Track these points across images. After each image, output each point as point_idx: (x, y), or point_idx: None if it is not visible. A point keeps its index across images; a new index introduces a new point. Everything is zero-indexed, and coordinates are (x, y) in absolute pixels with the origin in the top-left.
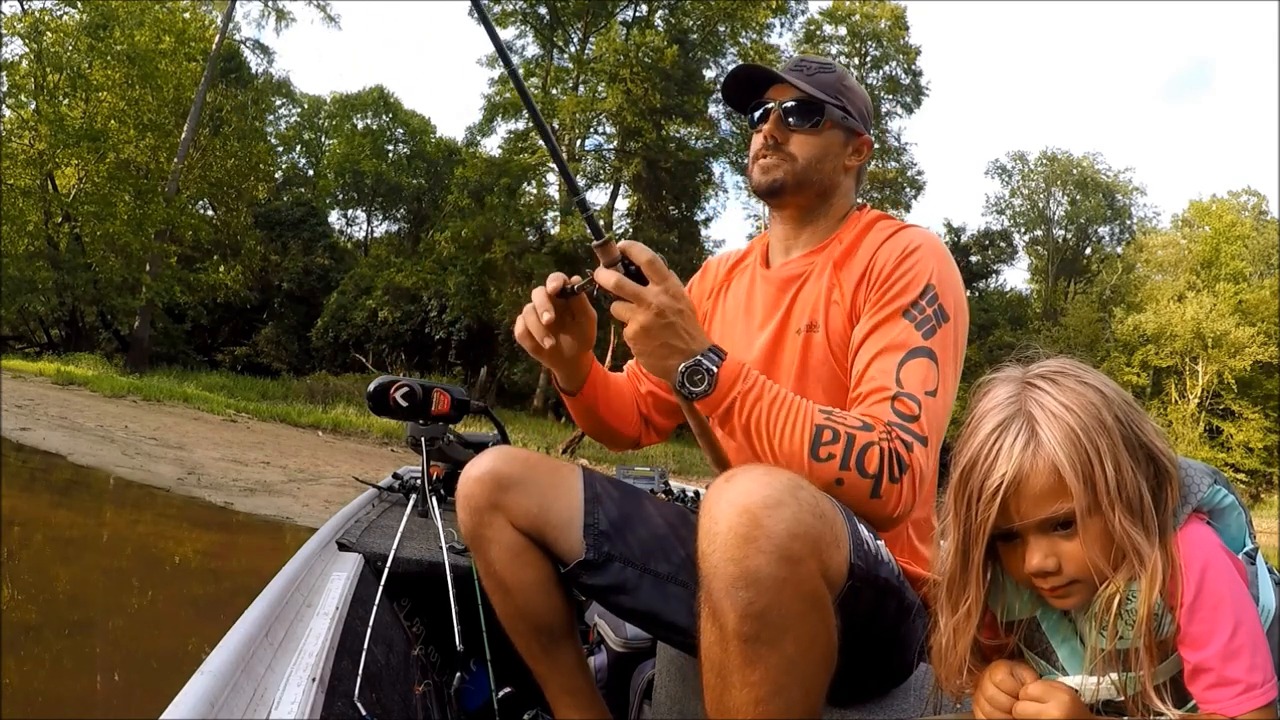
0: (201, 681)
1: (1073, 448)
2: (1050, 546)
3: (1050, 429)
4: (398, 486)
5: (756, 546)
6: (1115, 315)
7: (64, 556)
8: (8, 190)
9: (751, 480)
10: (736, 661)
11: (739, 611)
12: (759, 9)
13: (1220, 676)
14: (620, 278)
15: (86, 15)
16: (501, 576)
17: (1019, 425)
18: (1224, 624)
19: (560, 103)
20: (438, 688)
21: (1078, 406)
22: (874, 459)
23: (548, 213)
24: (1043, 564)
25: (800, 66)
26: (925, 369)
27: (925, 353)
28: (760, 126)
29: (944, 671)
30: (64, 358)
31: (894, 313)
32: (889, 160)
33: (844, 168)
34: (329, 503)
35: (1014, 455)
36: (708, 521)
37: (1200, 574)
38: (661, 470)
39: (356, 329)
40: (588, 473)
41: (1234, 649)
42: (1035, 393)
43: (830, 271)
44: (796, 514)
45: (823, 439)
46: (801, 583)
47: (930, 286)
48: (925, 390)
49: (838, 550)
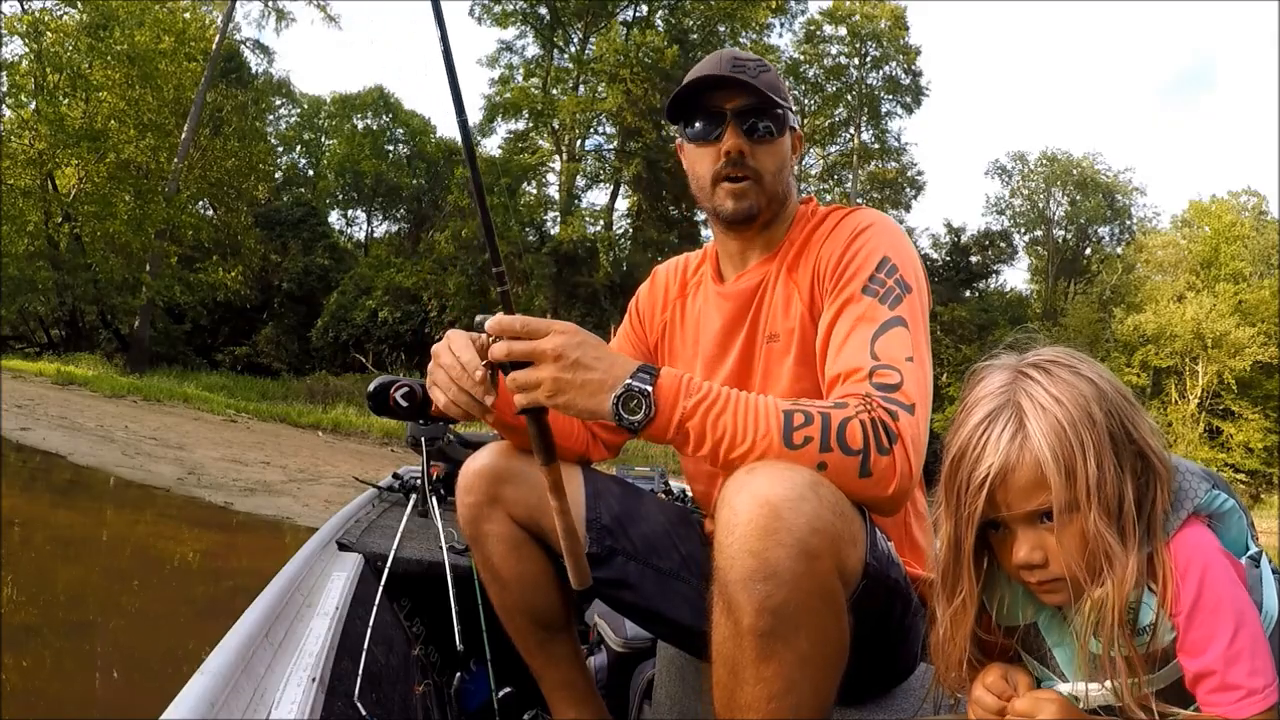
0: (201, 681)
1: (1058, 441)
2: (1038, 539)
3: (1038, 421)
4: (398, 486)
5: (777, 540)
6: (1115, 315)
7: (64, 556)
8: (8, 190)
9: (773, 473)
10: (750, 656)
11: (756, 605)
12: (759, 9)
13: (1222, 682)
14: (506, 344)
15: (86, 15)
16: (499, 569)
17: (1008, 416)
18: (1224, 629)
19: (560, 103)
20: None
21: (1067, 399)
22: (856, 433)
23: (548, 213)
24: (1029, 557)
25: (737, 67)
26: (899, 337)
27: (896, 321)
28: (712, 139)
29: (942, 665)
30: (64, 358)
31: (854, 292)
32: (889, 160)
33: (792, 171)
34: (329, 503)
35: (1001, 446)
36: (727, 513)
37: (1198, 579)
38: (661, 470)
39: (356, 329)
40: (588, 470)
41: (1234, 654)
42: (1026, 383)
43: (785, 276)
44: (817, 509)
45: (794, 423)
46: (818, 579)
47: (886, 259)
48: (904, 357)
49: (854, 549)
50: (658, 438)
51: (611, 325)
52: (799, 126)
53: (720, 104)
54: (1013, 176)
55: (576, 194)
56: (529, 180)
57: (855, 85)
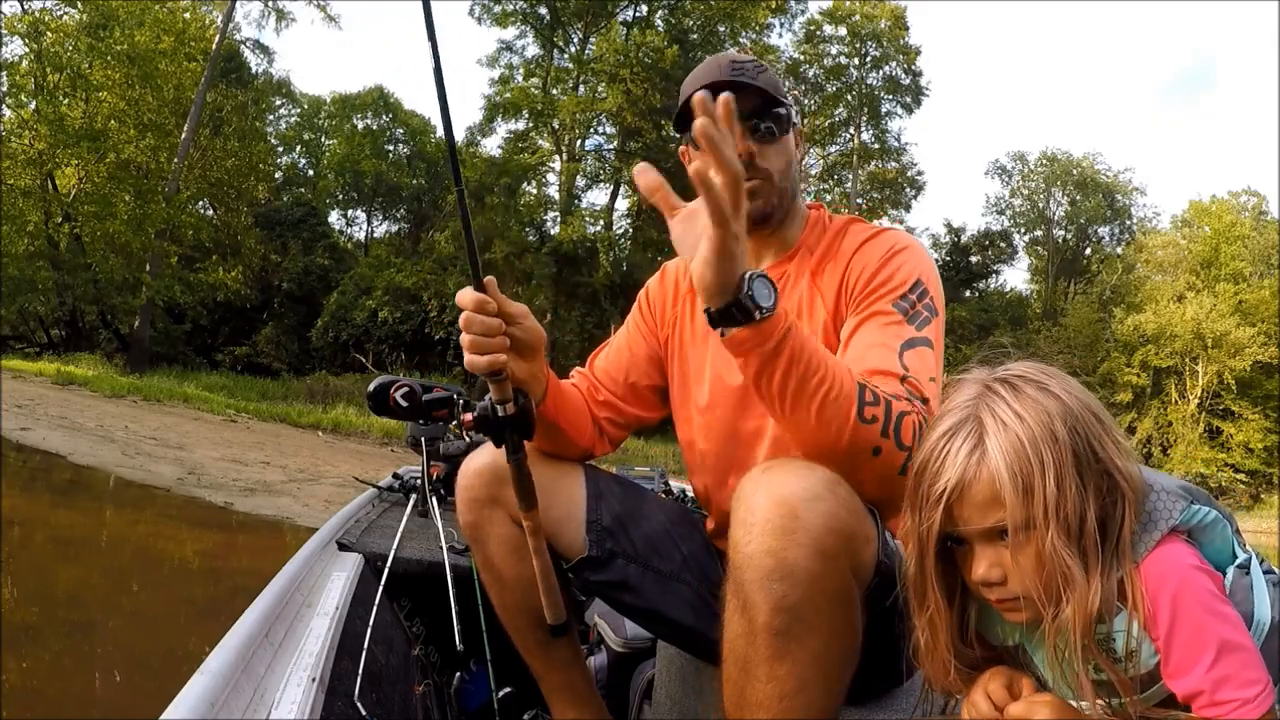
0: (201, 681)
1: (1016, 458)
2: (996, 556)
3: (997, 437)
4: (398, 486)
5: (794, 539)
6: (1115, 315)
7: (64, 556)
8: (8, 190)
9: (790, 472)
10: (764, 655)
11: (772, 604)
12: (759, 9)
13: (1211, 699)
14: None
15: (86, 15)
16: (500, 569)
17: (968, 430)
18: (1206, 649)
19: (560, 103)
20: (438, 688)
21: (1030, 416)
22: (909, 430)
23: (547, 213)
24: (986, 574)
25: (738, 70)
26: (926, 357)
27: (924, 342)
28: None
29: (930, 671)
30: (64, 358)
31: (885, 306)
32: (889, 160)
33: (797, 169)
34: (329, 503)
35: (958, 461)
36: (743, 511)
37: (1171, 600)
38: (661, 470)
39: (356, 329)
40: (590, 469)
41: (1220, 673)
42: (990, 398)
43: (808, 280)
44: (834, 509)
45: (865, 399)
46: (834, 578)
47: (920, 282)
48: (929, 377)
49: (868, 548)
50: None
51: (611, 325)
52: (800, 124)
53: None
54: (1013, 176)
55: (576, 194)
56: (529, 180)
57: (855, 85)
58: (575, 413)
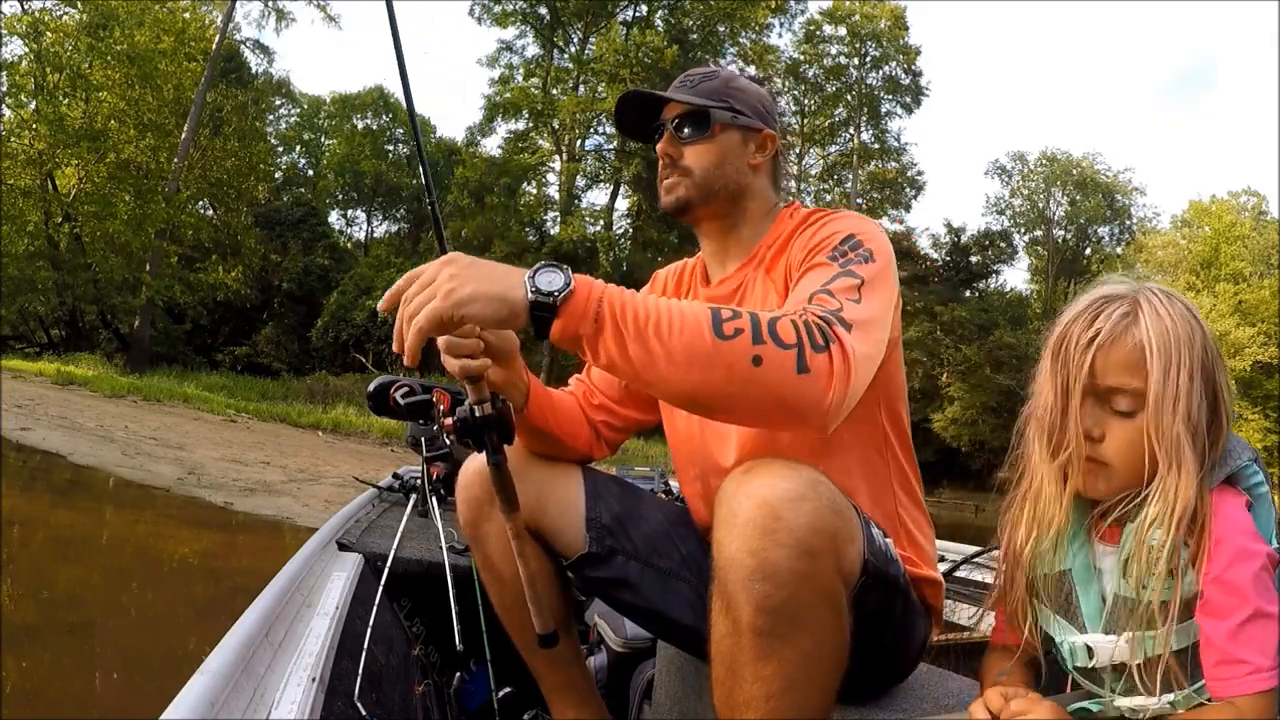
0: (201, 681)
1: (1163, 340)
2: (1105, 420)
3: (1151, 317)
4: (398, 486)
5: (776, 539)
6: None
7: (64, 556)
8: (8, 190)
9: (771, 473)
10: (749, 655)
11: (755, 604)
12: (759, 9)
13: (1229, 653)
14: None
15: (86, 15)
16: (500, 569)
17: (1125, 305)
18: (1246, 600)
19: (560, 103)
20: (438, 688)
21: (1180, 320)
22: (788, 329)
23: (547, 213)
24: (1093, 428)
25: (684, 81)
26: (850, 282)
27: (849, 274)
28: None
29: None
30: (64, 358)
31: (820, 260)
32: (889, 160)
33: (750, 167)
34: (329, 503)
35: (1112, 319)
36: (725, 512)
37: (1235, 549)
38: (661, 470)
39: (356, 329)
40: (588, 469)
41: (1248, 627)
42: (1148, 293)
43: (763, 278)
44: (817, 508)
45: (723, 316)
46: (819, 578)
47: (851, 235)
48: (849, 298)
49: (853, 546)
50: (575, 322)
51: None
52: (766, 126)
53: (663, 118)
54: (1013, 176)
55: (576, 194)
56: (529, 180)
57: (855, 85)
58: (568, 419)
